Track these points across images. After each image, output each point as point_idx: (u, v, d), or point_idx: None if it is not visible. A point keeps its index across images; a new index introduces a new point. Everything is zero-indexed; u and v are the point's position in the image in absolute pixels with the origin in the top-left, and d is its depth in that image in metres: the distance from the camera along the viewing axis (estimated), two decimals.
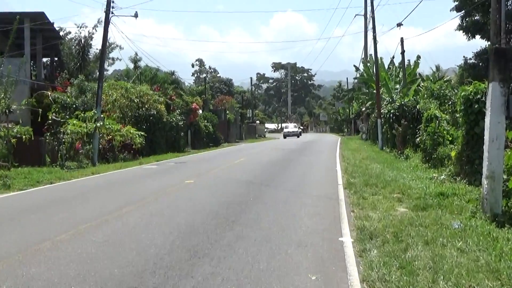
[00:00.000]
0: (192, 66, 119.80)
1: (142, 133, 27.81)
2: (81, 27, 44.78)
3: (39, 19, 30.04)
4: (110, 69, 63.44)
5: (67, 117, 25.01)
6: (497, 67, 8.36)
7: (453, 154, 13.66)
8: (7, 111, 20.10)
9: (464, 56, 33.17)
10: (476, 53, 31.75)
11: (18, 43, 31.32)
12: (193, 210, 10.16)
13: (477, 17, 30.79)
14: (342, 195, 11.81)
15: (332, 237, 7.64)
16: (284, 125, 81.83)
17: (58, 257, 6.73)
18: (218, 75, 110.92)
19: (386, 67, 41.94)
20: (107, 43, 33.24)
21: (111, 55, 51.84)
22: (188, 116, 40.83)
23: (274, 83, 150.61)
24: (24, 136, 20.59)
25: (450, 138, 16.56)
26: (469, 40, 31.47)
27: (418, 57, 40.62)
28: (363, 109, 50.41)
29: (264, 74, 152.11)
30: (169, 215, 9.65)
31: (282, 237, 7.65)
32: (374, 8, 34.14)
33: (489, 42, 24.65)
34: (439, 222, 8.15)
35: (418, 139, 19.36)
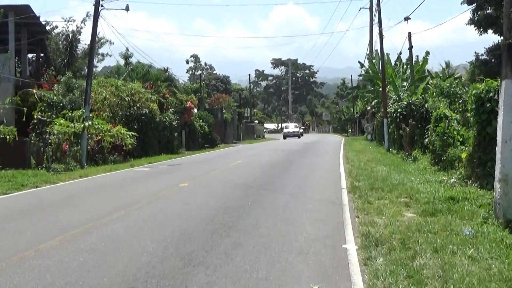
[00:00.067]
0: (187, 63, 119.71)
1: (134, 134, 27.80)
2: (69, 21, 44.63)
3: (24, 12, 30.04)
4: (100, 66, 63.44)
5: (54, 117, 25.00)
6: (511, 64, 8.37)
7: (464, 156, 13.67)
8: None
9: (476, 52, 33.24)
10: (488, 49, 31.80)
11: (2, 38, 31.33)
12: (188, 215, 10.16)
13: (490, 11, 30.82)
14: (346, 200, 11.81)
15: (335, 244, 7.64)
16: (284, 125, 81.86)
17: (44, 266, 6.72)
18: (214, 72, 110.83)
19: (393, 64, 41.98)
20: (97, 38, 33.21)
21: (101, 51, 51.69)
22: (183, 116, 40.82)
23: (274, 81, 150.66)
24: (8, 137, 20.58)
25: (461, 139, 16.58)
26: (481, 35, 31.52)
27: (427, 53, 40.68)
28: (368, 108, 50.46)
29: (263, 71, 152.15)
30: (162, 221, 9.64)
31: (282, 244, 7.65)
32: (380, 1, 34.04)
33: (502, 37, 24.68)
34: (449, 228, 8.16)
35: (427, 140, 19.37)
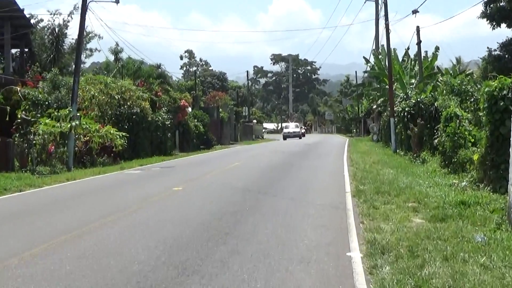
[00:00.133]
0: (181, 58, 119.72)
1: (124, 134, 27.77)
2: (55, 14, 44.70)
3: (7, 5, 30.00)
4: (88, 62, 63.41)
5: (39, 116, 24.95)
6: None
7: (476, 158, 13.68)
8: None
9: (488, 47, 33.32)
10: (502, 44, 31.86)
11: None
12: (182, 221, 10.16)
13: (503, 3, 30.90)
14: (350, 204, 11.82)
15: (339, 252, 7.64)
16: (284, 125, 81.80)
17: (28, 275, 6.71)
18: (210, 68, 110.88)
19: (400, 60, 42.03)
20: (85, 32, 33.22)
21: (89, 46, 51.77)
22: (176, 115, 40.80)
23: (274, 78, 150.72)
24: None
25: (473, 140, 16.59)
26: (494, 29, 31.60)
27: (437, 48, 40.76)
28: (374, 107, 50.48)
29: (262, 67, 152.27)
30: (155, 227, 9.64)
31: (282, 252, 7.65)
32: None
33: None
34: (460, 235, 8.16)
35: (436, 141, 19.39)
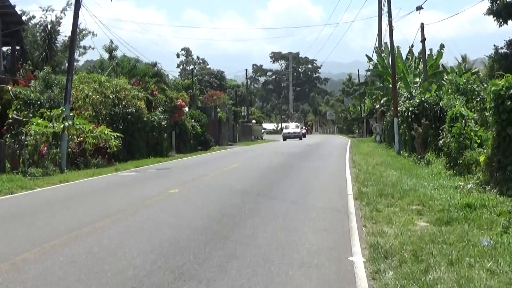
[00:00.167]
0: (177, 56, 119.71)
1: (119, 135, 27.75)
2: (47, 11, 44.77)
3: None
4: (81, 60, 63.51)
5: (31, 116, 24.93)
6: None
7: (482, 159, 13.68)
8: None
9: (495, 45, 33.31)
10: (509, 41, 31.85)
11: None
12: (178, 225, 10.15)
13: (510, 0, 30.90)
14: (353, 207, 11.83)
15: (341, 256, 7.65)
16: (284, 125, 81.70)
17: (19, 280, 6.70)
18: (208, 67, 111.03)
19: (404, 58, 42.09)
20: (78, 29, 33.20)
21: (82, 43, 51.84)
22: (173, 115, 40.79)
23: (273, 76, 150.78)
24: None
25: (479, 141, 16.59)
26: (501, 26, 31.58)
27: (442, 46, 40.81)
28: (377, 107, 50.54)
29: (262, 66, 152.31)
30: (150, 231, 9.63)
31: (282, 257, 7.65)
32: None
33: None
34: (466, 239, 8.17)
35: (441, 142, 19.40)
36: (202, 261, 7.41)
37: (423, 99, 25.89)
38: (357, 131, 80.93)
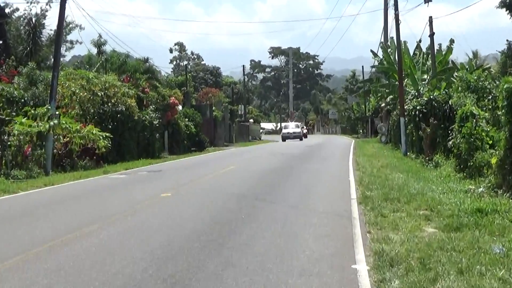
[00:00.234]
0: (170, 52, 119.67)
1: (108, 135, 27.76)
2: (32, 3, 44.72)
3: None
4: (68, 55, 63.39)
5: (14, 114, 24.92)
6: None
7: (494, 161, 13.69)
8: None
9: (508, 40, 33.45)
10: None
11: None
12: (171, 231, 10.15)
13: None
14: (356, 212, 11.84)
15: (343, 264, 7.65)
16: (284, 125, 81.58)
17: None
18: (203, 63, 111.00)
19: (411, 53, 42.07)
20: (64, 23, 33.18)
21: (69, 38, 51.75)
22: (165, 114, 40.79)
23: (272, 73, 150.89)
24: None
25: (490, 142, 16.61)
26: None
27: (451, 41, 40.81)
28: (383, 105, 50.51)
29: (260, 62, 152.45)
30: (141, 237, 9.63)
31: (281, 264, 7.65)
32: None
33: None
34: (477, 246, 8.18)
35: (451, 143, 19.42)
36: (196, 269, 7.41)
37: (432, 97, 25.90)
38: (361, 131, 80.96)
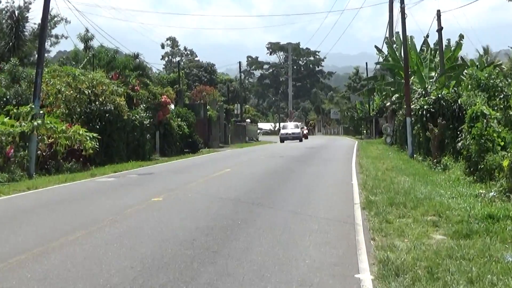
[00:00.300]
0: (162, 47, 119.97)
1: (95, 135, 27.74)
2: None
3: None
4: (53, 50, 63.43)
5: None
6: None
7: (506, 164, 13.70)
8: None
9: None
10: None
11: None
12: (162, 237, 10.13)
13: None
14: (359, 218, 11.84)
15: (346, 274, 7.65)
16: (282, 125, 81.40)
17: None
18: (196, 59, 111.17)
19: (418, 49, 42.14)
20: (49, 16, 33.17)
21: (55, 32, 51.93)
22: (157, 113, 40.79)
23: (271, 70, 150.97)
24: None
25: (502, 143, 16.62)
26: None
27: (461, 36, 40.89)
28: (388, 104, 50.59)
29: (257, 58, 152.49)
30: (130, 244, 9.61)
31: (280, 274, 7.64)
32: None
33: None
34: (488, 254, 8.18)
35: (460, 144, 19.43)
36: (189, 279, 7.39)
37: (440, 96, 25.94)
38: (365, 132, 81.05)
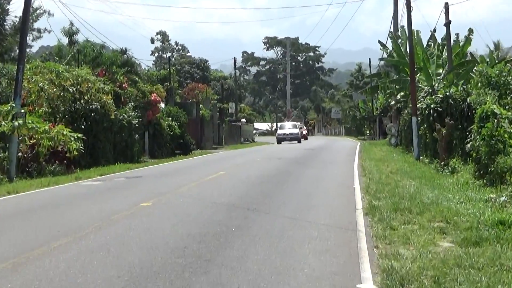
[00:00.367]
0: (152, 42, 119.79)
1: (80, 136, 27.69)
2: None
3: None
4: (35, 45, 63.32)
5: None
6: None
7: None
8: None
9: None
10: None
11: None
12: (151, 245, 10.12)
13: None
14: (362, 224, 11.84)
15: (347, 284, 7.65)
16: (279, 125, 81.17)
17: None
18: (188, 55, 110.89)
19: (425, 45, 42.22)
20: (31, 8, 33.13)
21: (37, 25, 51.78)
22: (146, 112, 40.77)
23: (267, 66, 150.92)
24: None
25: None
26: None
27: (470, 31, 40.96)
28: (392, 103, 50.65)
29: (254, 54, 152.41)
30: (117, 252, 9.60)
31: (277, 284, 7.64)
32: None
33: None
34: (498, 263, 8.20)
35: (469, 145, 19.46)
36: None
37: (448, 94, 25.96)
38: (368, 133, 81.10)
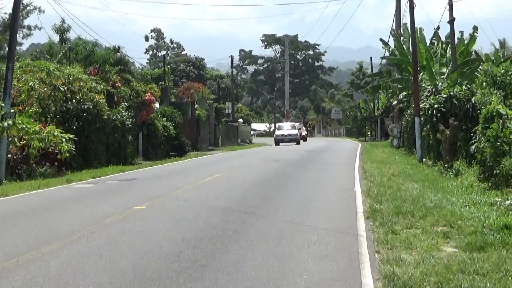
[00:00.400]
0: (146, 40, 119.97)
1: (72, 137, 27.67)
2: None
3: None
4: (26, 43, 63.28)
5: None
6: None
7: None
8: None
9: None
10: None
11: None
12: (145, 250, 10.12)
13: None
14: (363, 229, 11.85)
15: None
16: (277, 125, 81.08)
17: None
18: (184, 53, 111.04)
19: (428, 43, 42.26)
20: (21, 5, 33.12)
21: (27, 22, 51.73)
22: (140, 112, 40.76)
23: (265, 65, 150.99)
24: None
25: None
26: None
27: (475, 29, 40.98)
28: (395, 103, 50.71)
29: (251, 52, 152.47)
30: (110, 257, 9.59)
31: None
32: None
33: None
34: (504, 268, 8.20)
35: (474, 147, 19.48)
36: None
37: (451, 94, 25.99)
38: (369, 134, 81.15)
